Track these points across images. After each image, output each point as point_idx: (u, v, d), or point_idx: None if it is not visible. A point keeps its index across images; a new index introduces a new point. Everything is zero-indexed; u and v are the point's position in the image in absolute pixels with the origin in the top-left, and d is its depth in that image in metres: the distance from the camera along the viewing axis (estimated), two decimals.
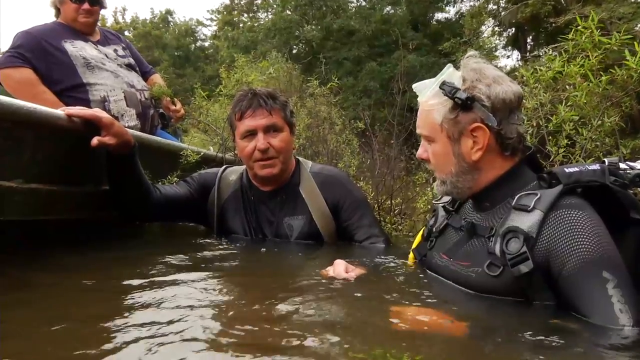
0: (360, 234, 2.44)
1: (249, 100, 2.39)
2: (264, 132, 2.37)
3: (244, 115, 2.39)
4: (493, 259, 1.48)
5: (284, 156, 2.43)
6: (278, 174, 2.43)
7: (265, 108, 2.37)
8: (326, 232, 2.46)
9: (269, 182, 2.48)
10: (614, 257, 1.34)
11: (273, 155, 2.38)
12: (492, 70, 1.57)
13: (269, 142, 2.37)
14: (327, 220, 2.46)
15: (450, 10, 24.97)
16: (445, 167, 1.64)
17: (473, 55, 1.64)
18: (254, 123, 2.37)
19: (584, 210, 1.40)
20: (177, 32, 36.51)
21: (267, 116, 2.37)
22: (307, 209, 2.46)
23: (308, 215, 2.45)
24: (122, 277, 1.69)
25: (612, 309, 1.27)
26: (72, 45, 3.00)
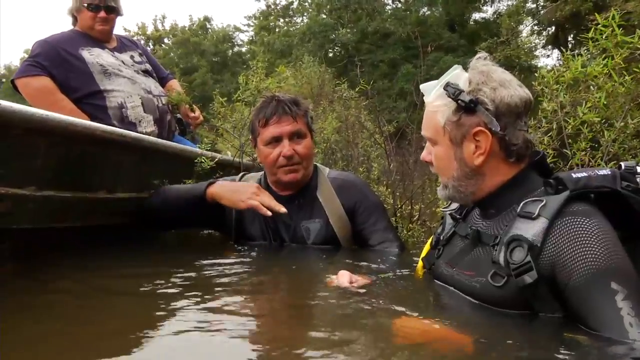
0: (374, 238, 2.42)
1: (273, 107, 2.39)
2: (289, 138, 2.37)
3: (268, 122, 2.38)
4: (497, 268, 1.42)
5: (307, 162, 2.44)
6: (300, 179, 2.44)
7: (291, 114, 2.37)
8: (343, 235, 2.45)
9: (290, 188, 2.48)
10: (623, 267, 1.27)
11: (297, 161, 2.39)
12: (499, 74, 1.51)
13: (294, 149, 2.37)
14: (344, 224, 2.45)
15: (487, 10, 24.65)
16: (447, 171, 1.60)
17: (482, 57, 1.58)
18: (280, 130, 2.37)
19: (591, 217, 1.33)
20: (215, 38, 37.01)
21: (292, 122, 2.37)
22: (324, 213, 2.45)
23: (325, 219, 2.44)
24: (137, 284, 1.71)
25: (622, 322, 1.19)
26: (89, 52, 3.02)
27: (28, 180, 1.82)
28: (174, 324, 1.32)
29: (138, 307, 1.51)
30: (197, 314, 1.40)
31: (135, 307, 1.51)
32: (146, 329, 1.29)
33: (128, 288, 1.69)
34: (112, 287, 1.75)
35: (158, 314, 1.42)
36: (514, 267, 1.35)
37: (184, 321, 1.34)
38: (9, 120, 1.64)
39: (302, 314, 1.40)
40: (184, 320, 1.35)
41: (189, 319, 1.36)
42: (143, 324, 1.33)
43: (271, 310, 1.52)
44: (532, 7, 20.68)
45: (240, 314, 1.43)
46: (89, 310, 1.47)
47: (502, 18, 18.88)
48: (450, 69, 1.56)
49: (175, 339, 1.22)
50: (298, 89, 9.47)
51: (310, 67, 11.35)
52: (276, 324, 1.38)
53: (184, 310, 1.44)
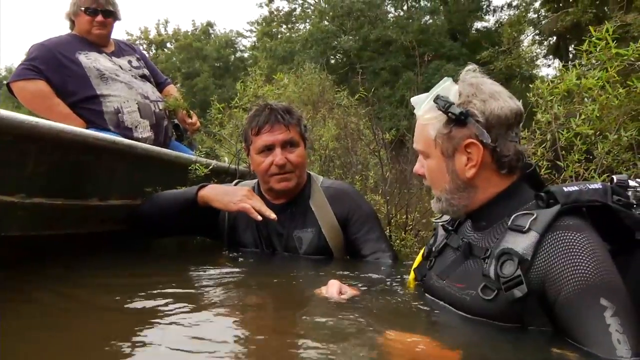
0: (366, 249, 2.42)
1: (266, 116, 2.39)
2: (282, 147, 2.38)
3: (261, 131, 2.38)
4: (487, 281, 1.41)
5: (299, 170, 2.44)
6: (293, 188, 2.44)
7: (283, 123, 2.37)
8: (335, 245, 2.44)
9: (283, 196, 2.48)
10: (613, 283, 1.26)
11: (290, 169, 2.39)
12: (489, 86, 1.51)
13: (287, 157, 2.37)
14: (336, 234, 2.44)
15: (489, 20, 24.70)
16: (439, 184, 1.59)
17: (472, 69, 1.58)
18: (272, 138, 2.37)
19: (582, 232, 1.32)
20: (217, 43, 37.06)
21: (285, 131, 2.38)
22: (316, 222, 2.44)
23: (317, 228, 2.44)
24: (129, 291, 1.70)
25: (610, 339, 1.18)
26: (86, 56, 3.03)
27: (17, 187, 1.81)
28: (158, 335, 1.31)
29: (123, 317, 1.50)
30: (184, 323, 1.39)
31: (120, 318, 1.49)
32: (131, 339, 1.28)
33: (115, 299, 1.66)
34: (99, 296, 1.73)
35: (144, 323, 1.40)
36: (504, 280, 1.34)
37: (169, 331, 1.33)
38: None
39: (289, 326, 1.38)
40: (169, 330, 1.34)
41: (174, 328, 1.35)
42: (127, 335, 1.31)
43: (258, 322, 1.51)
44: (533, 17, 20.74)
45: (226, 326, 1.41)
46: (73, 321, 1.45)
47: (504, 27, 18.91)
48: (440, 81, 1.55)
49: (160, 348, 1.22)
50: (298, 96, 9.47)
51: (311, 73, 11.37)
52: (263, 336, 1.37)
53: (170, 319, 1.43)
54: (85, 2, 3.11)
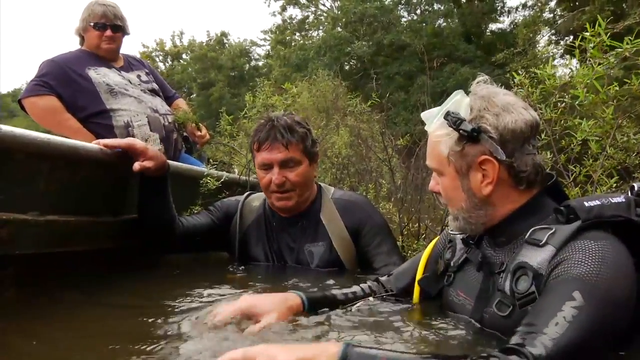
0: (378, 261, 2.39)
1: (266, 132, 2.37)
2: (280, 166, 2.36)
3: (261, 147, 2.38)
4: (502, 297, 1.39)
5: (300, 189, 2.41)
6: (294, 206, 2.43)
7: (282, 142, 2.33)
8: (346, 258, 2.43)
9: (286, 212, 2.48)
10: (606, 292, 1.16)
11: (289, 188, 2.38)
12: (502, 97, 1.46)
13: (285, 176, 2.36)
14: (347, 246, 2.43)
15: (504, 21, 24.51)
16: (456, 202, 1.55)
17: (482, 80, 1.55)
18: (270, 157, 2.35)
19: (600, 241, 1.25)
20: (231, 53, 37.26)
21: (284, 151, 2.34)
22: (327, 236, 2.43)
23: (328, 241, 2.43)
24: (139, 307, 1.75)
25: (552, 318, 1.11)
26: (95, 72, 3.09)
27: (30, 205, 1.82)
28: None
29: (133, 328, 1.54)
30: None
31: (130, 329, 1.54)
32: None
33: (128, 311, 1.73)
34: (114, 311, 1.78)
35: (154, 337, 1.45)
36: (518, 297, 1.32)
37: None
38: (10, 145, 1.65)
39: None
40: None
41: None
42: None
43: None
44: (549, 16, 20.53)
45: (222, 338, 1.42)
46: (91, 341, 1.49)
47: (518, 28, 18.74)
48: (451, 95, 1.52)
49: None
50: (312, 103, 9.50)
51: (324, 80, 11.40)
52: None
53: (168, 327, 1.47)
54: (94, 17, 3.18)
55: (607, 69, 2.05)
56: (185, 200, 2.73)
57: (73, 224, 2.02)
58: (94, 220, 2.15)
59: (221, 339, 1.39)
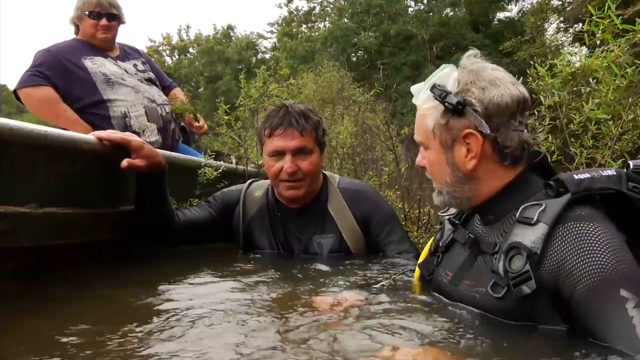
0: (389, 250, 2.34)
1: (280, 118, 2.28)
2: (293, 154, 2.27)
3: (273, 133, 2.28)
4: (497, 278, 1.35)
5: (311, 178, 2.34)
6: (303, 196, 2.36)
7: (297, 128, 2.26)
8: (356, 248, 2.38)
9: (294, 202, 2.41)
10: (632, 273, 1.18)
11: (300, 177, 2.30)
12: (490, 72, 1.44)
13: (298, 165, 2.28)
14: (357, 237, 2.38)
15: (512, 9, 24.32)
16: (440, 176, 1.54)
17: (472, 54, 1.52)
18: (284, 144, 2.27)
19: (595, 222, 1.25)
20: (238, 46, 37.26)
21: (298, 137, 2.27)
22: (336, 227, 2.38)
23: (338, 233, 2.38)
24: (142, 295, 1.72)
25: (634, 332, 1.10)
26: (91, 61, 3.04)
27: (29, 197, 1.79)
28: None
29: (136, 319, 1.50)
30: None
31: (133, 320, 1.49)
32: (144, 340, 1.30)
33: (130, 301, 1.70)
34: (118, 301, 1.75)
35: (160, 323, 1.44)
36: (512, 276, 1.29)
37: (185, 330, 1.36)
38: (7, 138, 1.61)
39: (286, 335, 1.33)
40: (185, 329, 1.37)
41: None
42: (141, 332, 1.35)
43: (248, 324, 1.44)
44: (557, 4, 20.34)
45: (223, 330, 1.39)
46: (94, 334, 1.43)
47: (526, 16, 18.58)
48: (439, 69, 1.49)
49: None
50: (317, 94, 9.47)
51: (329, 71, 11.36)
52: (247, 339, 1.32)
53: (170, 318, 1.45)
54: (89, 6, 3.13)
55: (627, 49, 1.98)
56: (184, 190, 2.68)
57: (72, 216, 1.98)
58: (93, 212, 2.11)
59: (214, 334, 1.36)
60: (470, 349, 1.25)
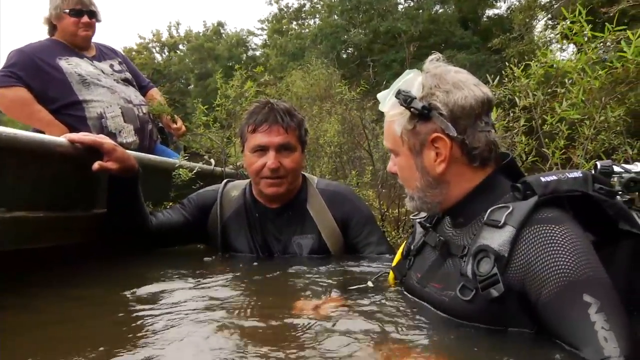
0: (368, 252, 2.36)
1: (265, 114, 2.28)
2: (277, 150, 2.27)
3: (257, 129, 2.27)
4: (465, 281, 1.35)
5: (292, 176, 2.34)
6: (284, 194, 2.35)
7: (282, 125, 2.26)
8: (335, 249, 2.38)
9: (275, 200, 2.39)
10: (596, 277, 1.19)
11: (282, 174, 2.29)
12: (453, 75, 1.45)
13: (280, 162, 2.26)
14: (336, 238, 2.39)
15: (501, 6, 24.34)
16: (411, 182, 1.55)
17: (435, 58, 1.52)
18: (268, 139, 2.26)
19: (561, 224, 1.25)
20: (228, 43, 37.12)
21: (283, 134, 2.26)
22: (315, 228, 2.37)
23: (317, 234, 2.37)
24: (117, 301, 1.69)
25: (596, 338, 1.10)
26: (66, 62, 2.99)
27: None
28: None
29: (111, 325, 1.49)
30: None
31: (108, 325, 1.49)
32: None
33: (104, 305, 1.68)
34: (90, 304, 1.72)
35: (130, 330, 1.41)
36: (480, 279, 1.29)
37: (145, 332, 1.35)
38: None
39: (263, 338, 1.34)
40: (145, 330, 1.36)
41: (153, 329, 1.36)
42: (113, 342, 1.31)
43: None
44: (545, 1, 20.39)
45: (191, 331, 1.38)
46: (61, 339, 1.42)
47: (514, 13, 18.61)
48: (403, 74, 1.51)
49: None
50: (306, 92, 9.43)
51: (318, 68, 11.32)
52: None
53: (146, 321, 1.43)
54: (68, 3, 3.07)
55: (602, 52, 1.98)
56: (159, 192, 2.66)
57: (43, 219, 1.96)
58: (65, 215, 2.09)
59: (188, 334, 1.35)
60: (439, 353, 1.24)
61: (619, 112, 2.04)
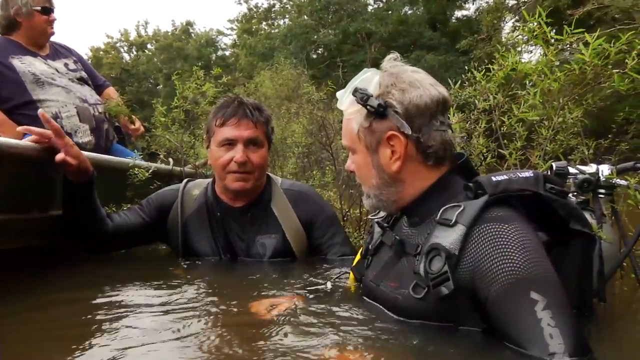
0: (333, 252, 2.33)
1: (234, 108, 2.24)
2: (245, 144, 2.23)
3: (226, 123, 2.23)
4: (418, 279, 1.34)
5: (259, 172, 2.29)
6: (250, 189, 2.29)
7: (251, 119, 2.22)
8: (299, 249, 2.34)
9: (240, 197, 2.33)
10: (543, 275, 1.19)
11: (249, 170, 2.24)
12: (409, 74, 1.44)
13: (248, 156, 2.22)
14: (301, 238, 2.34)
15: (469, 8, 24.65)
16: (367, 180, 1.53)
17: (393, 57, 1.53)
18: (236, 133, 2.21)
19: (510, 223, 1.25)
20: (198, 42, 36.88)
21: (252, 128, 2.23)
22: (280, 228, 2.33)
23: (281, 233, 2.32)
24: (70, 303, 1.68)
25: (542, 335, 1.10)
26: (20, 61, 2.90)
27: None
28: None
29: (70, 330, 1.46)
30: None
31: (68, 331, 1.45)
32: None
33: (61, 311, 1.63)
34: (53, 311, 1.66)
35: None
36: (431, 277, 1.28)
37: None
38: None
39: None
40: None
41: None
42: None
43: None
44: (513, 3, 20.71)
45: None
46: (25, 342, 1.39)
47: (482, 15, 18.88)
48: (360, 72, 1.51)
49: None
50: (274, 92, 9.42)
51: (286, 69, 11.31)
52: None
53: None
54: (38, 2, 3.01)
55: (570, 54, 2.00)
56: (116, 193, 2.59)
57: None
58: (21, 217, 2.01)
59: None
60: (391, 352, 1.26)
61: (576, 114, 2.05)
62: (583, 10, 12.53)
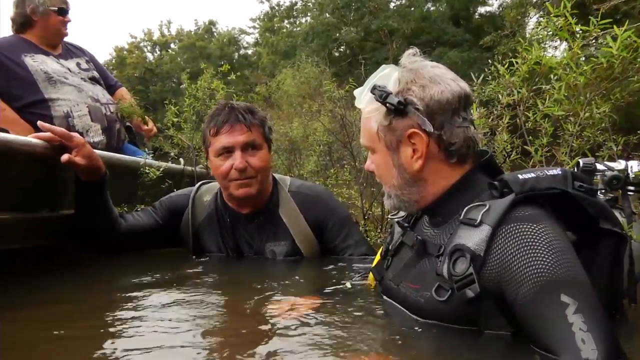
0: (347, 255, 2.28)
1: (225, 115, 2.20)
2: (242, 149, 2.18)
3: (220, 131, 2.19)
4: (441, 281, 1.30)
5: (262, 175, 2.24)
6: (255, 195, 2.24)
7: (244, 123, 2.18)
8: (309, 254, 2.30)
9: (246, 204, 2.30)
10: (574, 276, 1.14)
11: (251, 174, 2.20)
12: (429, 69, 1.39)
13: (247, 161, 2.18)
14: (311, 243, 2.30)
15: (493, 4, 24.35)
16: (388, 179, 1.49)
17: (412, 53, 1.47)
18: (231, 140, 2.17)
19: (538, 223, 1.20)
20: (220, 41, 37.11)
21: (246, 132, 2.18)
22: (289, 235, 2.29)
23: (291, 240, 2.29)
24: (86, 301, 1.68)
25: (573, 340, 1.04)
26: (32, 59, 2.89)
27: None
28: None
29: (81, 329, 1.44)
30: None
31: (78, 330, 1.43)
32: None
33: (77, 310, 1.62)
34: (60, 309, 1.65)
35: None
36: (456, 279, 1.24)
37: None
38: None
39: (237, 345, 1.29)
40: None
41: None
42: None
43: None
44: None
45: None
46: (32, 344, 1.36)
47: (506, 11, 18.62)
48: (379, 69, 1.45)
49: None
50: (296, 90, 9.38)
51: (308, 67, 11.27)
52: None
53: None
54: (55, 2, 3.01)
55: (596, 48, 1.93)
56: (128, 192, 2.55)
57: (9, 221, 1.87)
58: (32, 217, 1.99)
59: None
60: (412, 355, 1.24)
61: (604, 109, 1.97)
62: (610, 4, 12.28)
